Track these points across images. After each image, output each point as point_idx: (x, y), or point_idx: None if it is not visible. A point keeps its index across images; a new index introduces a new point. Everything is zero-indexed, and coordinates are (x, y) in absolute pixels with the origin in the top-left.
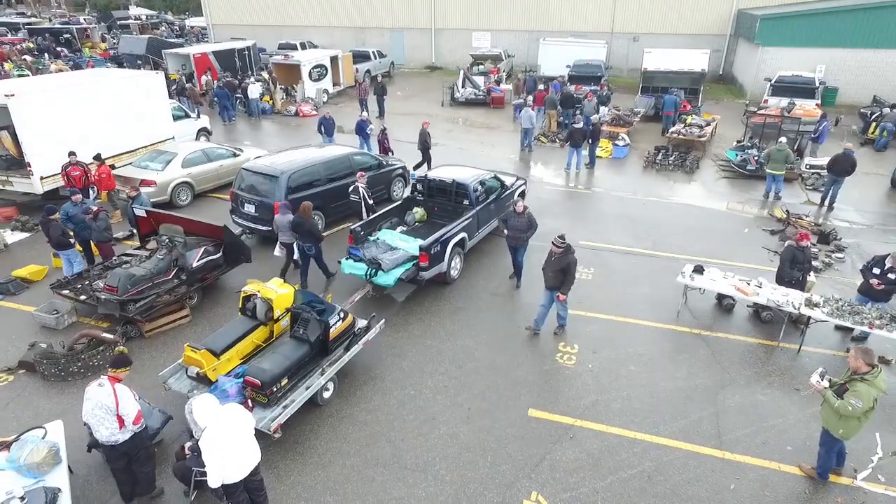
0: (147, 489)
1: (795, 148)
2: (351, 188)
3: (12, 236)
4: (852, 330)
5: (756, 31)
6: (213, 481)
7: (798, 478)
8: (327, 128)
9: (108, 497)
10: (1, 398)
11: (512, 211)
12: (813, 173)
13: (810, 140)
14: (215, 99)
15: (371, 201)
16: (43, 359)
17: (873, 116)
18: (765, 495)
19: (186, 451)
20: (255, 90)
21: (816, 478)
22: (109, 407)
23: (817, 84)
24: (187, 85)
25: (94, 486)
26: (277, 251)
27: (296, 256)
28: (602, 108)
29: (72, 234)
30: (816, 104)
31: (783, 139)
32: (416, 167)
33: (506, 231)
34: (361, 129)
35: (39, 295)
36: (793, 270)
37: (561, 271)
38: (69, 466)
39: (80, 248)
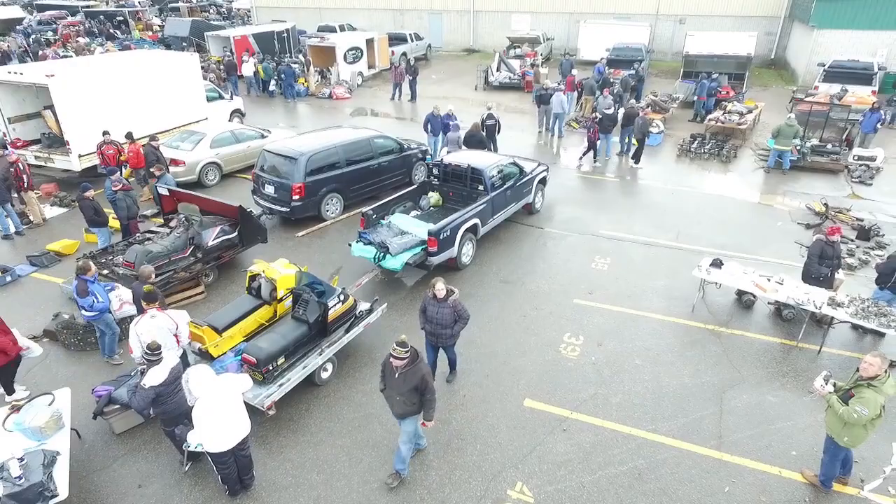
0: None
1: (844, 137)
2: (486, 114)
3: (51, 211)
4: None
5: (811, 12)
6: (202, 443)
7: (799, 484)
8: (434, 126)
9: (111, 462)
10: (25, 363)
11: (430, 296)
12: (860, 165)
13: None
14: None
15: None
16: (64, 329)
17: None
18: (761, 500)
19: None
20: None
21: (819, 486)
22: (170, 328)
23: (876, 70)
24: (212, 66)
25: (99, 451)
26: None
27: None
28: (621, 110)
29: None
30: (872, 91)
31: (792, 115)
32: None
33: (422, 325)
34: (445, 127)
35: (69, 268)
36: (821, 266)
37: (414, 390)
38: (77, 432)
39: (118, 226)
